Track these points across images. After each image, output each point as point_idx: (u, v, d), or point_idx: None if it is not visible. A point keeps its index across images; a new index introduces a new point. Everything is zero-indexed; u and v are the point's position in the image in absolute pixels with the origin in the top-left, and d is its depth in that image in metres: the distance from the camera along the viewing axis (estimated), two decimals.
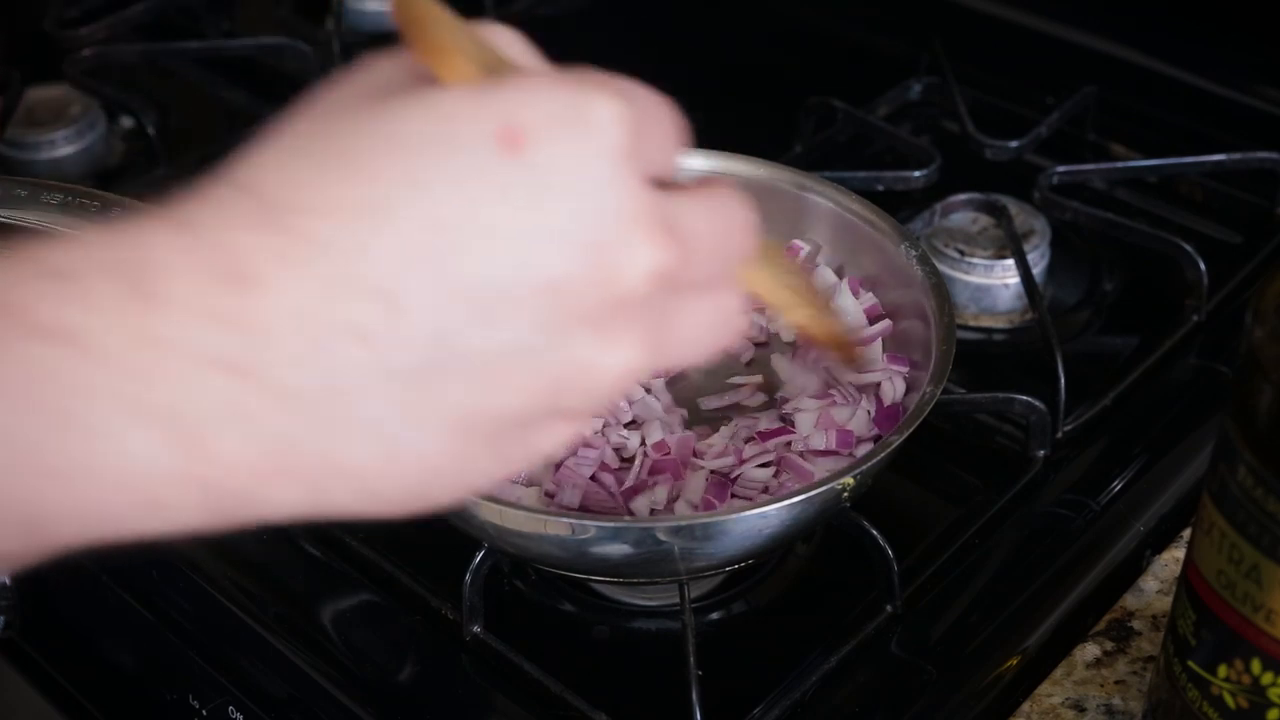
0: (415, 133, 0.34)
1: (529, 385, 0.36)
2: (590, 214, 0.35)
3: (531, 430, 0.38)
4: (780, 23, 1.23)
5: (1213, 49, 1.05)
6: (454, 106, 0.35)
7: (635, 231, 0.36)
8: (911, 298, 0.72)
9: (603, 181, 0.35)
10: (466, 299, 0.34)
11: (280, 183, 0.34)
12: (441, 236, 0.34)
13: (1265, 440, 0.47)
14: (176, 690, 0.70)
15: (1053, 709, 0.64)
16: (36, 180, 0.69)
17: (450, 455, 0.36)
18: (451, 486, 0.38)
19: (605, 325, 0.36)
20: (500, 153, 0.34)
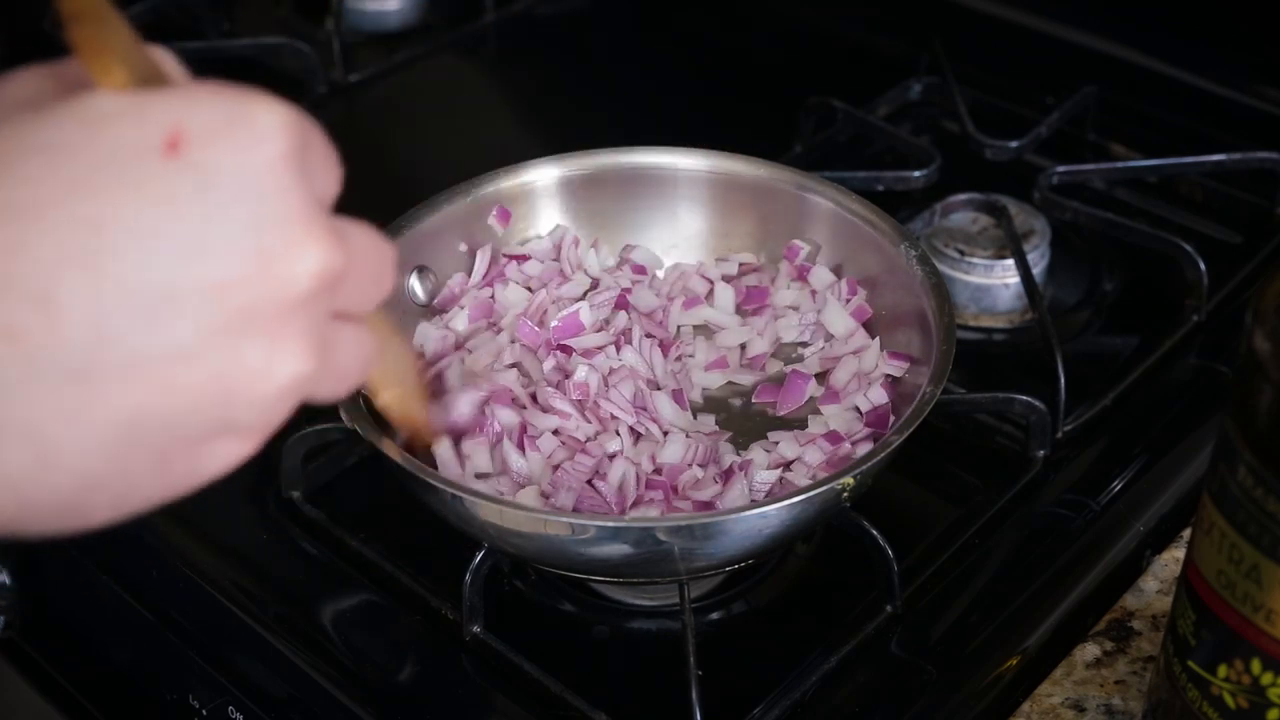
0: (72, 137, 0.34)
1: (193, 390, 0.35)
2: (258, 216, 0.35)
3: (200, 445, 0.37)
4: (780, 23, 1.23)
5: (1213, 49, 1.05)
6: (114, 110, 0.35)
7: (303, 235, 0.36)
8: (911, 298, 0.72)
9: (271, 184, 0.35)
10: (128, 300, 0.34)
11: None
12: (100, 237, 0.33)
13: (1265, 440, 0.47)
14: (176, 690, 0.70)
15: (1053, 709, 0.64)
16: None
17: (110, 465, 0.35)
18: (111, 502, 0.37)
19: (273, 331, 0.36)
20: (162, 156, 0.34)
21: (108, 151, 0.34)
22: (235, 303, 0.35)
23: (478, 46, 1.23)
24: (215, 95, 0.35)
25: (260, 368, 0.36)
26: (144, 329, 0.34)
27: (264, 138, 0.35)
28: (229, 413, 0.36)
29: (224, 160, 0.35)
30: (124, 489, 0.36)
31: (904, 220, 0.81)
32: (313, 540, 0.74)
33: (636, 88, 1.15)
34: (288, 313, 0.36)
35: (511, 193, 0.80)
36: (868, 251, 0.76)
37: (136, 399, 0.35)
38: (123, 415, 0.35)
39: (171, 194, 0.34)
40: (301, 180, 0.36)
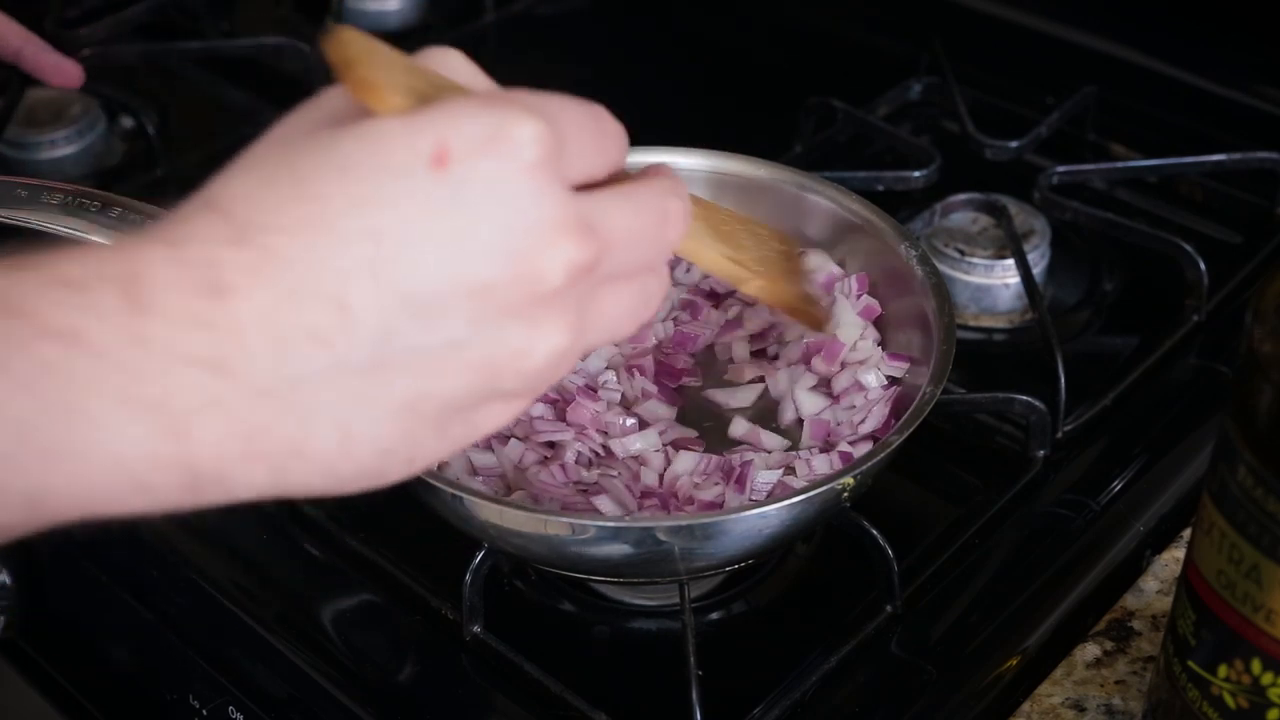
0: (354, 158, 0.40)
1: (466, 372, 0.41)
2: (511, 223, 0.40)
3: (473, 412, 0.43)
4: (780, 23, 1.23)
5: (1213, 49, 1.05)
6: (386, 133, 0.40)
7: (554, 235, 0.41)
8: (911, 298, 0.72)
9: (522, 193, 0.40)
10: (405, 302, 0.39)
11: (246, 204, 0.39)
12: (381, 248, 0.39)
13: (1265, 440, 0.47)
14: (176, 690, 0.70)
15: (1053, 709, 0.64)
16: (36, 180, 0.69)
17: (399, 437, 0.41)
18: (403, 464, 0.43)
19: (532, 316, 0.41)
20: (429, 172, 0.39)
21: (384, 169, 0.39)
22: (496, 298, 0.40)
23: (478, 46, 1.22)
24: (478, 111, 0.40)
25: (522, 348, 0.42)
26: (420, 326, 0.40)
27: (518, 150, 0.40)
28: (497, 386, 0.42)
29: (482, 174, 0.40)
30: (412, 453, 0.43)
31: (904, 220, 0.81)
32: (313, 540, 0.74)
33: (636, 88, 1.15)
34: (545, 301, 0.41)
35: None
36: (868, 251, 0.76)
37: (417, 384, 0.41)
38: (408, 397, 0.41)
39: (438, 206, 0.39)
40: (552, 184, 0.41)
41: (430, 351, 0.40)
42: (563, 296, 0.42)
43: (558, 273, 0.41)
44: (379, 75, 0.40)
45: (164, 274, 0.38)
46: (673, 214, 0.46)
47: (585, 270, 0.42)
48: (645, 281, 0.47)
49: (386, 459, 0.42)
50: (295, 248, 0.38)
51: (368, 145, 0.40)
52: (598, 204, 0.43)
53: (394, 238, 0.39)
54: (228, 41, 1.19)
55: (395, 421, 0.41)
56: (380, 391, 0.40)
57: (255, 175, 0.40)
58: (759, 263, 0.58)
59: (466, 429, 0.44)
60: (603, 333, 0.46)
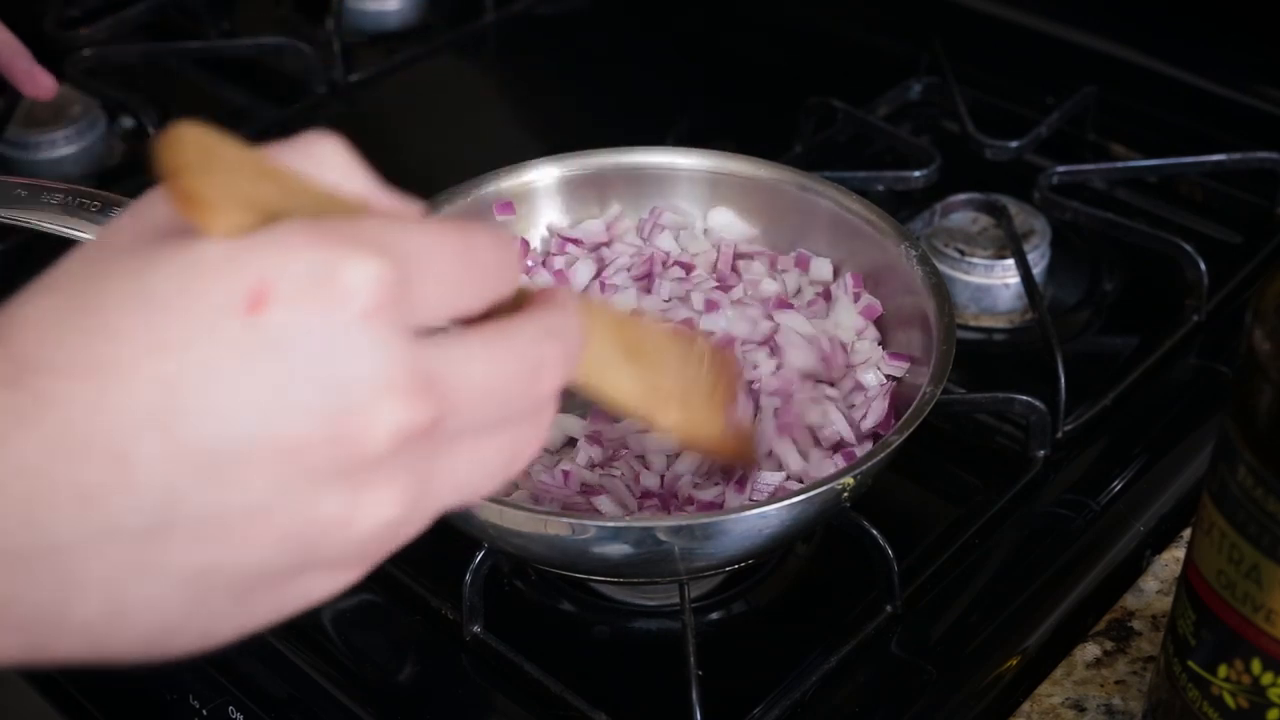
0: (161, 291, 0.34)
1: (270, 542, 0.35)
2: (330, 378, 0.35)
3: (284, 583, 0.37)
4: (780, 23, 1.23)
5: (1213, 49, 1.05)
6: (202, 264, 0.34)
7: (381, 394, 0.35)
8: (911, 298, 0.72)
9: (347, 346, 0.35)
10: (197, 460, 0.34)
11: (32, 336, 0.34)
12: (173, 398, 0.33)
13: (1265, 440, 0.47)
14: (176, 690, 0.70)
15: (1053, 709, 0.64)
16: (36, 180, 0.69)
17: (187, 611, 0.36)
18: (195, 638, 0.37)
19: (353, 483, 0.36)
20: (244, 314, 0.34)
21: (194, 308, 0.34)
22: (309, 461, 0.35)
23: (478, 46, 1.23)
24: (308, 248, 0.34)
25: (340, 517, 0.36)
26: (213, 488, 0.34)
27: (347, 297, 0.34)
28: (312, 558, 0.36)
29: (303, 320, 0.34)
30: (205, 627, 0.37)
31: (904, 220, 0.81)
32: None
33: (636, 88, 1.15)
34: (369, 467, 0.36)
35: (512, 192, 0.80)
36: (868, 251, 0.76)
37: (207, 553, 0.35)
38: (195, 567, 0.35)
39: (247, 354, 0.34)
40: (387, 335, 0.35)
41: (224, 518, 0.35)
42: (391, 462, 0.36)
43: (381, 437, 0.35)
44: (210, 188, 0.34)
45: None
46: (548, 362, 0.39)
47: (419, 434, 0.36)
48: (513, 435, 0.40)
49: (171, 635, 0.36)
50: (76, 393, 0.33)
51: (180, 277, 0.34)
52: (450, 354, 0.37)
53: (190, 387, 0.33)
54: (228, 41, 1.20)
55: (180, 593, 0.35)
56: (161, 560, 0.34)
57: (50, 302, 0.35)
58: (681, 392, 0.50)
59: (277, 601, 0.37)
60: (455, 495, 0.39)
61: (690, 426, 0.51)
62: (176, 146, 0.33)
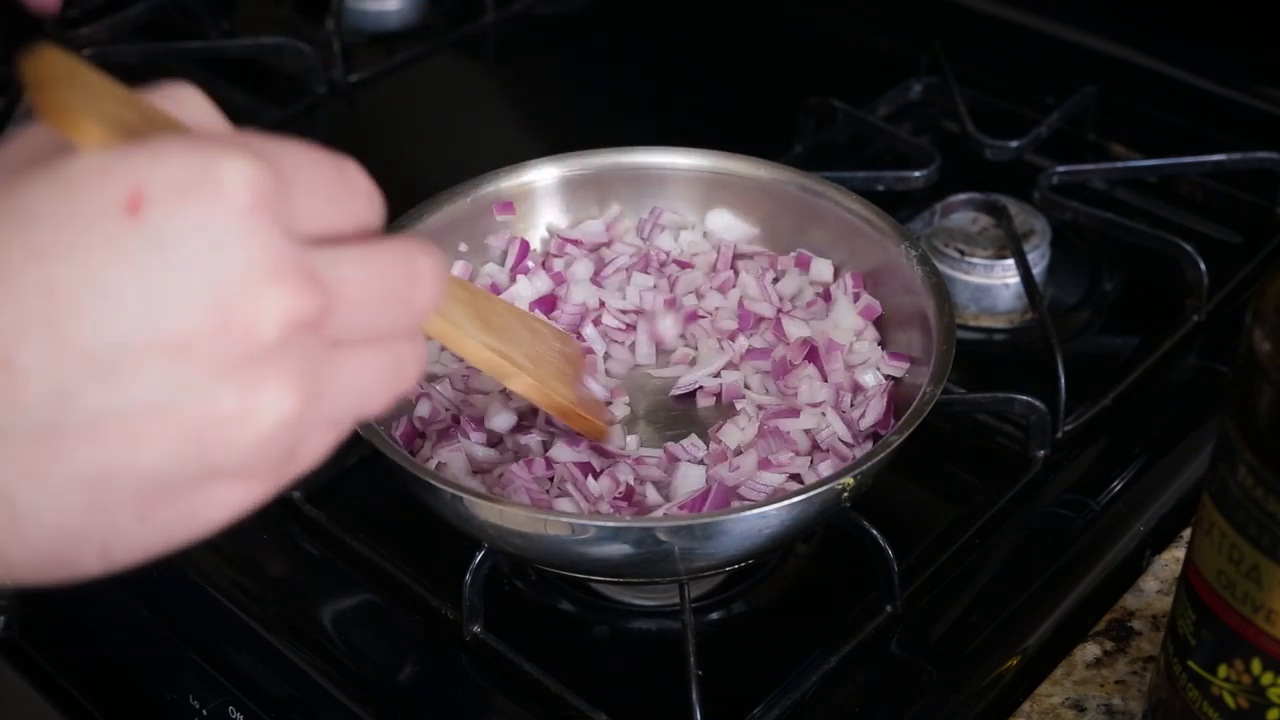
0: (37, 202, 0.35)
1: (163, 441, 0.36)
2: (214, 271, 0.35)
3: (190, 493, 0.37)
4: (780, 23, 1.23)
5: (1213, 49, 1.05)
6: (76, 174, 0.35)
7: (267, 282, 0.36)
8: (911, 298, 0.72)
9: (228, 239, 0.35)
10: (85, 360, 0.34)
11: None
12: (56, 301, 0.34)
13: (1265, 440, 0.47)
14: (176, 690, 0.70)
15: (1053, 709, 0.64)
16: None
17: (85, 518, 0.36)
18: (95, 553, 0.37)
19: (247, 377, 0.36)
20: (121, 218, 0.34)
21: (71, 214, 0.34)
22: (200, 355, 0.35)
23: (478, 46, 1.23)
24: (182, 151, 0.35)
25: (235, 413, 0.36)
26: (103, 387, 0.34)
27: (225, 193, 0.35)
28: (210, 460, 0.36)
29: (182, 218, 0.35)
30: (109, 539, 0.37)
31: (904, 220, 0.81)
32: (313, 540, 0.74)
33: (636, 88, 1.15)
34: (261, 359, 0.36)
35: (512, 192, 0.80)
36: (868, 251, 0.76)
37: (104, 454, 0.35)
38: (92, 470, 0.35)
39: (129, 254, 0.34)
40: (267, 230, 0.36)
41: (118, 416, 0.35)
42: (283, 354, 0.36)
43: (271, 324, 0.36)
44: (76, 100, 0.35)
45: None
46: (422, 272, 0.40)
47: (306, 324, 0.36)
48: (397, 348, 0.41)
49: (71, 544, 0.36)
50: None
51: (55, 188, 0.35)
52: (328, 255, 0.38)
53: (73, 289, 0.34)
54: (228, 41, 1.20)
55: (77, 498, 0.35)
56: (56, 463, 0.35)
57: None
58: (531, 359, 0.54)
59: (182, 515, 0.37)
60: (346, 402, 0.40)
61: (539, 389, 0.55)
62: (43, 64, 0.35)
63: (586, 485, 0.67)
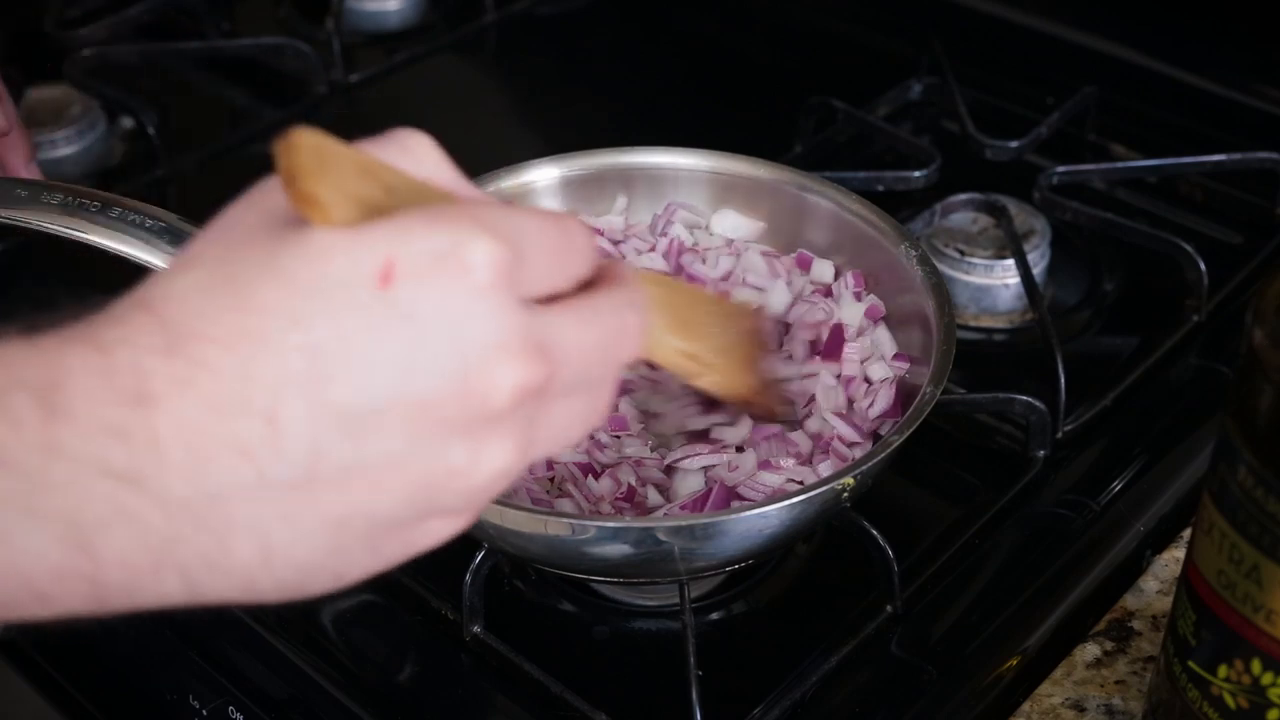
0: (295, 270, 0.38)
1: (402, 490, 0.40)
2: (457, 343, 0.39)
3: (411, 529, 0.41)
4: (780, 23, 1.23)
5: (1213, 49, 1.05)
6: (329, 247, 0.38)
7: (503, 357, 0.40)
8: (911, 298, 0.72)
9: (471, 314, 0.39)
10: (338, 417, 0.38)
11: (181, 310, 0.38)
12: (315, 363, 0.38)
13: (1265, 440, 0.47)
14: (176, 690, 0.70)
15: (1053, 709, 0.64)
16: (37, 180, 0.69)
17: (326, 553, 0.40)
18: (330, 579, 0.41)
19: (476, 435, 0.40)
20: (373, 290, 0.38)
21: (326, 284, 0.38)
22: (438, 417, 0.39)
23: (478, 46, 1.23)
24: (428, 229, 0.39)
25: (463, 466, 0.40)
26: (353, 443, 0.38)
27: (470, 272, 0.39)
28: (435, 505, 0.41)
29: (431, 293, 0.39)
30: (340, 570, 0.41)
31: (904, 220, 0.81)
32: None
33: (636, 88, 1.15)
34: (490, 421, 0.40)
35: (512, 192, 0.80)
36: (868, 251, 0.76)
37: (347, 502, 0.39)
38: (335, 515, 0.39)
39: (381, 324, 0.38)
40: (505, 305, 0.40)
41: (364, 468, 0.39)
42: (509, 416, 0.40)
43: (504, 394, 0.40)
44: (324, 189, 0.38)
45: (85, 381, 0.37)
46: (629, 329, 0.45)
47: (534, 392, 0.41)
48: (594, 395, 0.45)
49: (310, 574, 0.41)
50: (227, 360, 0.37)
51: (310, 259, 0.38)
52: (553, 322, 0.42)
53: (331, 353, 0.38)
54: (228, 41, 1.20)
55: (322, 538, 0.40)
56: (307, 508, 0.39)
57: (193, 278, 0.39)
58: (718, 352, 0.56)
59: (402, 546, 0.42)
60: (550, 445, 0.45)
61: (726, 385, 0.57)
62: (292, 152, 0.38)
63: (587, 485, 0.67)
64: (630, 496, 0.66)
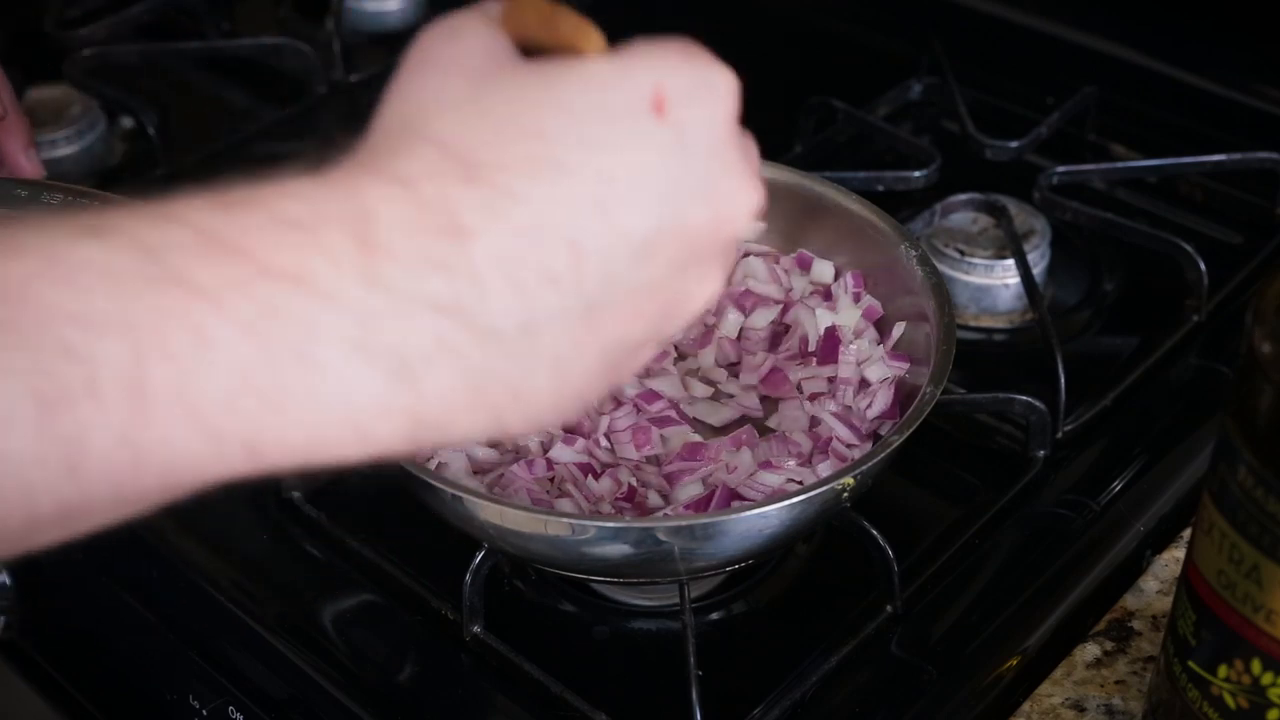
0: (573, 98, 0.39)
1: (652, 314, 0.41)
2: (718, 167, 0.41)
3: (636, 354, 0.43)
4: (780, 23, 1.23)
5: (1213, 49, 1.05)
6: (602, 75, 0.40)
7: (746, 185, 0.42)
8: (911, 298, 0.72)
9: (727, 141, 0.41)
10: (626, 243, 0.39)
11: (468, 140, 0.38)
12: (612, 189, 0.39)
13: (1265, 440, 0.47)
14: (176, 690, 0.70)
15: (1053, 709, 0.64)
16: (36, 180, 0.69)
17: (591, 379, 0.41)
18: (579, 405, 0.42)
19: (709, 261, 0.42)
20: (650, 115, 0.39)
21: (609, 112, 0.39)
22: (694, 241, 0.41)
23: None
24: (683, 59, 0.41)
25: (695, 293, 0.42)
26: (634, 267, 0.40)
27: (723, 99, 0.41)
28: (662, 328, 0.42)
29: (696, 119, 0.40)
30: (590, 396, 0.42)
31: (904, 220, 0.81)
32: (313, 540, 0.74)
33: None
34: (723, 248, 0.42)
35: None
36: (868, 251, 0.76)
37: (619, 327, 0.40)
38: (609, 340, 0.40)
39: (660, 149, 0.40)
40: (739, 133, 0.42)
41: (636, 293, 0.40)
42: (731, 245, 0.43)
43: (745, 218, 0.42)
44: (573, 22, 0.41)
45: (395, 213, 0.36)
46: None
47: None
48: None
49: (576, 400, 0.41)
50: (529, 186, 0.37)
51: (586, 88, 0.39)
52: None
53: (621, 179, 0.39)
54: (228, 41, 1.19)
55: (595, 363, 0.40)
56: (592, 335, 0.40)
57: (466, 113, 0.39)
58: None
59: (626, 371, 0.43)
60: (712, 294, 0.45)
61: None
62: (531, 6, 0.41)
63: (587, 485, 0.67)
64: (630, 496, 0.66)
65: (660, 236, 0.40)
